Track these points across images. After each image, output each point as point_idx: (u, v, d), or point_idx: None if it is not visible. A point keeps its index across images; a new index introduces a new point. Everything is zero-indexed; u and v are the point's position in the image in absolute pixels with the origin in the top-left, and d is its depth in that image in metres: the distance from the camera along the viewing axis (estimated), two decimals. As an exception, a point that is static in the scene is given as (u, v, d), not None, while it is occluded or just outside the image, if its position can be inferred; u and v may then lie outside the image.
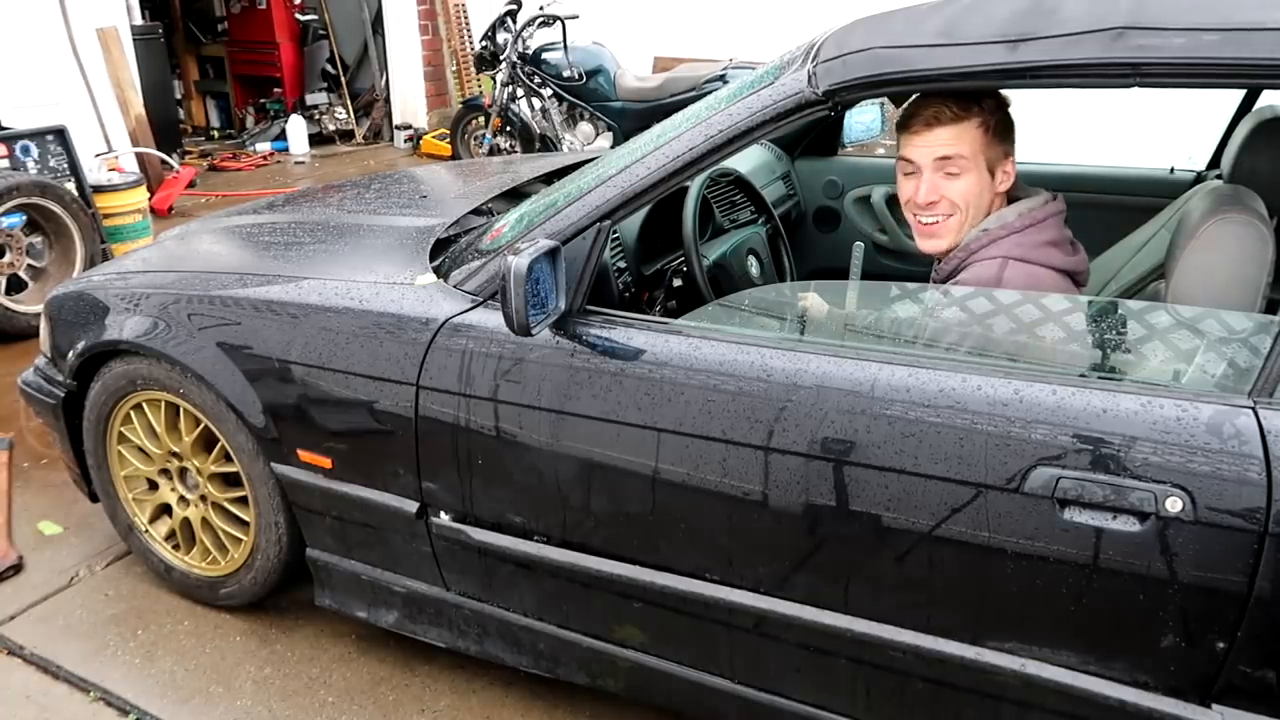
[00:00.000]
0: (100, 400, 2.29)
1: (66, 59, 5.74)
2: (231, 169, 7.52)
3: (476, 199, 2.49)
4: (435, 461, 1.82)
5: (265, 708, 2.10)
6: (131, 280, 2.25)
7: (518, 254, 1.50)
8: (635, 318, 1.69)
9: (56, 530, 2.76)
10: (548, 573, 1.80)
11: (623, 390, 1.61)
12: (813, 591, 1.56)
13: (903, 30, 1.54)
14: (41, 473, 3.09)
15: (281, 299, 1.96)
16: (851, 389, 1.46)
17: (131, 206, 5.06)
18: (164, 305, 2.10)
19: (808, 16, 7.10)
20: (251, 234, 2.48)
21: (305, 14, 8.73)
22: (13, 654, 2.28)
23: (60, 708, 2.12)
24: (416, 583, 2.00)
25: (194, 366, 2.03)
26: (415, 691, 2.14)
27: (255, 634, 2.32)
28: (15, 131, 4.42)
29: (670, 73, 5.95)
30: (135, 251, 2.64)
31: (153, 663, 2.24)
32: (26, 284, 4.26)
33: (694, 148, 1.60)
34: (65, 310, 2.32)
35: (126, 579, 2.54)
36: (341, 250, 2.22)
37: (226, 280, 2.10)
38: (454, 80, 8.53)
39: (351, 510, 1.98)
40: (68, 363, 2.28)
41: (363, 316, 1.85)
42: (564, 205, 1.72)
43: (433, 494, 1.86)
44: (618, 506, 1.67)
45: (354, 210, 2.58)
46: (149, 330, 2.10)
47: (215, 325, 2.02)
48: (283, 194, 3.08)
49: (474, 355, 1.73)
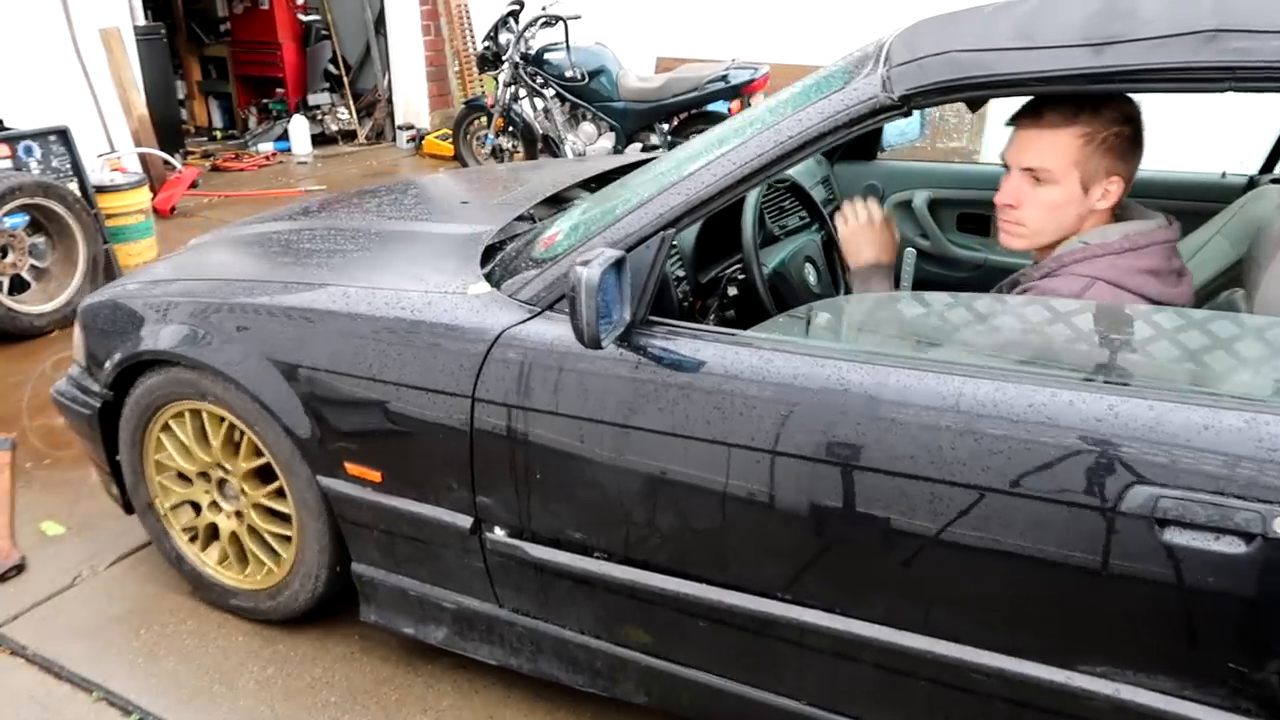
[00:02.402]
0: (137, 411, 2.25)
1: (69, 59, 5.74)
2: (234, 169, 7.52)
3: (518, 205, 2.44)
4: (491, 476, 1.78)
5: (268, 708, 2.10)
6: (169, 288, 2.21)
7: (586, 264, 1.46)
8: (702, 329, 1.64)
9: (59, 530, 2.76)
10: (608, 590, 1.75)
11: (691, 404, 1.56)
12: (892, 612, 1.51)
13: (976, 33, 1.50)
14: (44, 473, 3.09)
15: (329, 308, 1.92)
16: (935, 404, 1.40)
17: (134, 207, 5.06)
18: (205, 314, 2.06)
19: (808, 16, 7.12)
20: (290, 240, 2.43)
21: (308, 14, 8.74)
22: (15, 654, 2.28)
23: (63, 708, 2.12)
24: (467, 599, 1.95)
25: (237, 377, 1.99)
26: (418, 691, 2.13)
27: (258, 634, 2.32)
28: (18, 132, 4.42)
29: (672, 73, 5.94)
30: (168, 258, 2.60)
31: (155, 663, 2.24)
32: (29, 284, 4.26)
33: (763, 154, 1.56)
34: (101, 319, 2.28)
35: (129, 579, 2.54)
36: (385, 258, 2.18)
37: (270, 288, 2.05)
38: (456, 80, 8.53)
39: (401, 524, 1.93)
40: (104, 372, 2.24)
41: (415, 327, 1.81)
42: (625, 213, 1.68)
43: (487, 509, 1.81)
44: (685, 523, 1.63)
45: (393, 216, 2.53)
46: (189, 339, 2.06)
47: (259, 334, 1.98)
48: (316, 198, 3.03)
49: (533, 367, 1.68)
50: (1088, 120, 1.55)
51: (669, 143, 5.93)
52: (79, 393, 2.35)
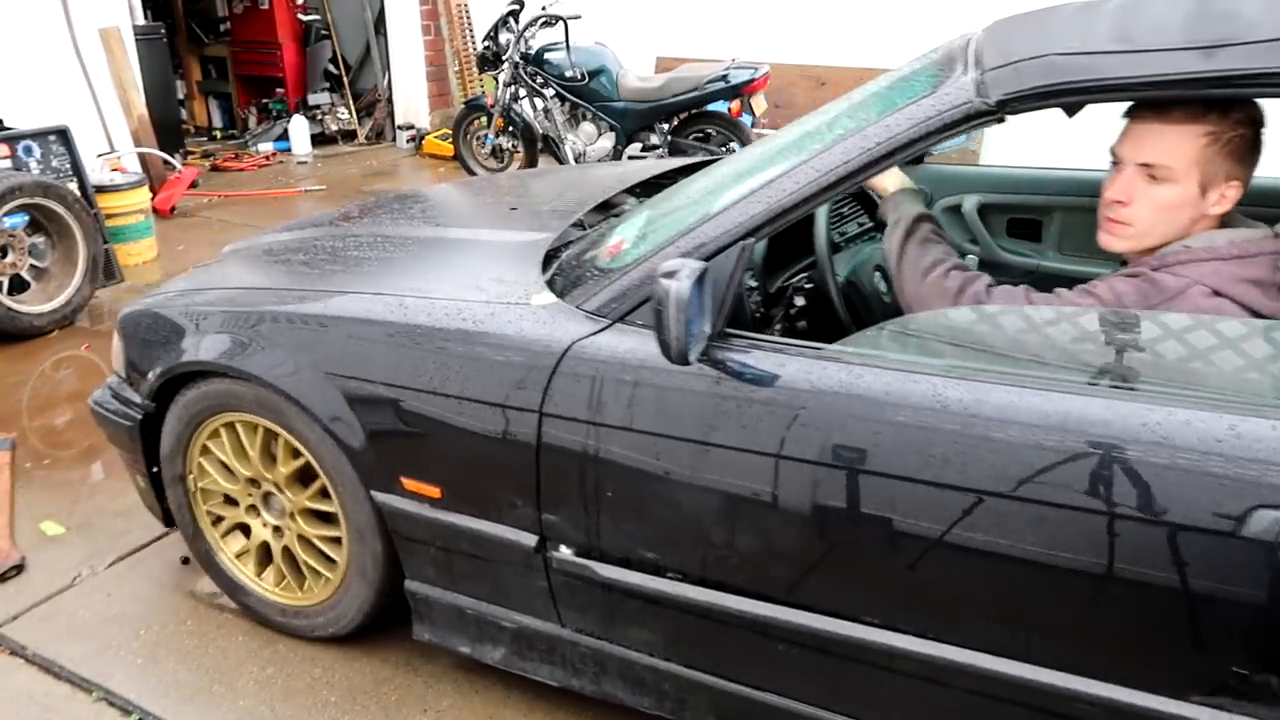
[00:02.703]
0: (180, 423, 2.19)
1: (69, 59, 5.74)
2: (234, 169, 7.52)
3: (570, 212, 2.35)
4: (558, 493, 1.72)
5: (268, 708, 2.10)
6: (212, 296, 2.16)
7: (672, 276, 1.40)
8: (785, 342, 1.57)
9: (59, 530, 2.75)
10: (681, 611, 1.69)
11: (775, 421, 1.50)
12: (991, 638, 1.45)
13: (1071, 35, 1.46)
14: (44, 473, 3.09)
15: (386, 319, 1.86)
16: (1040, 422, 1.33)
17: (134, 207, 5.07)
18: (252, 324, 2.01)
19: (808, 16, 7.12)
20: (336, 248, 2.36)
21: (308, 14, 8.74)
22: (15, 654, 2.27)
23: (62, 708, 2.12)
24: (528, 618, 1.90)
25: (287, 389, 1.93)
26: (418, 691, 2.13)
27: (258, 634, 2.32)
28: (18, 131, 4.42)
29: (672, 73, 5.95)
30: (205, 266, 2.53)
31: (155, 663, 2.24)
32: (29, 284, 4.26)
33: (849, 161, 1.50)
34: (142, 328, 2.23)
35: (129, 579, 2.54)
36: (438, 266, 2.12)
37: (321, 298, 2.01)
38: (456, 80, 8.53)
39: (460, 542, 1.88)
40: (146, 384, 2.19)
41: (478, 339, 1.75)
42: (700, 222, 1.62)
43: (554, 527, 1.75)
44: (767, 544, 1.57)
45: (440, 223, 2.47)
46: (236, 350, 2.00)
47: (311, 346, 1.92)
48: (355, 203, 2.96)
49: (605, 381, 1.62)
50: (1216, 120, 1.47)
51: (669, 142, 5.94)
52: (119, 404, 2.29)
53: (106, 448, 3.27)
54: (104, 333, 4.34)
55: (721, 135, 5.84)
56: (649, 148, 6.02)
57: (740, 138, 5.75)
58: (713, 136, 5.89)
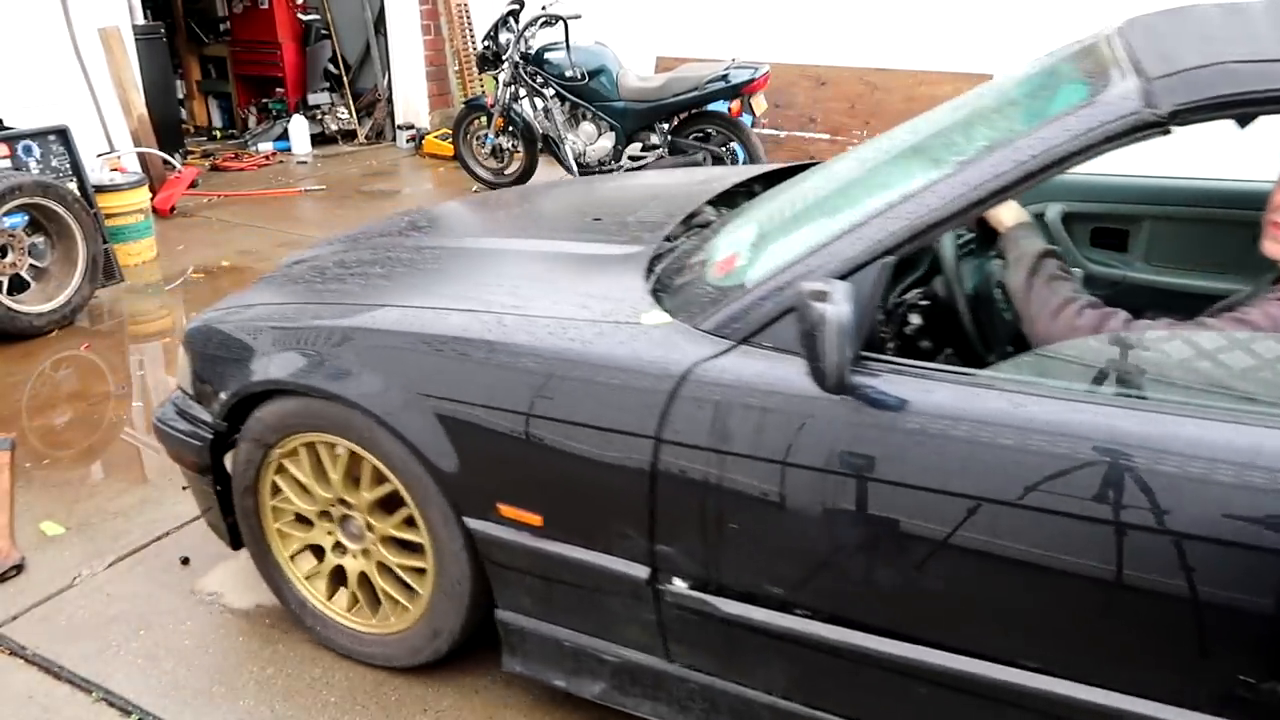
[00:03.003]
0: (254, 443, 2.09)
1: (69, 59, 5.74)
2: (234, 169, 7.52)
3: (657, 223, 2.24)
4: (675, 523, 1.63)
5: (268, 708, 2.10)
6: (290, 312, 2.09)
7: (823, 297, 1.34)
8: (932, 368, 1.49)
9: (59, 531, 2.75)
10: (810, 649, 1.60)
11: (923, 452, 1.41)
12: (1169, 689, 1.35)
13: (1237, 41, 1.39)
14: (43, 473, 3.09)
15: (483, 338, 1.77)
16: (1227, 457, 1.24)
17: (134, 206, 5.07)
18: (335, 341, 1.92)
19: (808, 16, 7.11)
20: (412, 260, 2.28)
21: (307, 14, 8.73)
22: (15, 654, 2.27)
23: (62, 708, 2.12)
24: (632, 652, 1.80)
25: (375, 410, 1.84)
26: (418, 691, 2.13)
27: (257, 634, 2.32)
28: (17, 131, 4.42)
29: (673, 72, 5.94)
30: (269, 279, 2.43)
31: (155, 663, 2.23)
32: (29, 284, 4.26)
33: (1001, 175, 1.41)
34: (213, 344, 2.14)
35: (129, 579, 2.54)
36: (529, 281, 2.02)
37: (407, 313, 1.92)
38: (456, 80, 8.52)
39: (561, 572, 1.79)
40: (218, 402, 2.10)
41: (586, 359, 1.66)
42: (834, 238, 1.54)
43: (668, 558, 1.66)
44: (910, 581, 1.48)
45: (519, 234, 2.36)
46: (318, 369, 1.92)
47: (401, 365, 1.84)
48: (421, 211, 2.86)
49: (731, 407, 1.53)
50: None
51: (669, 142, 5.93)
52: (187, 422, 2.20)
53: (106, 448, 3.28)
54: (104, 333, 4.35)
55: (721, 135, 5.84)
56: (649, 148, 6.01)
57: (740, 138, 5.74)
58: (713, 136, 5.88)
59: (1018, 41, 6.36)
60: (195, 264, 5.21)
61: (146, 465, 3.16)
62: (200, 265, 5.19)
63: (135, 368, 4.02)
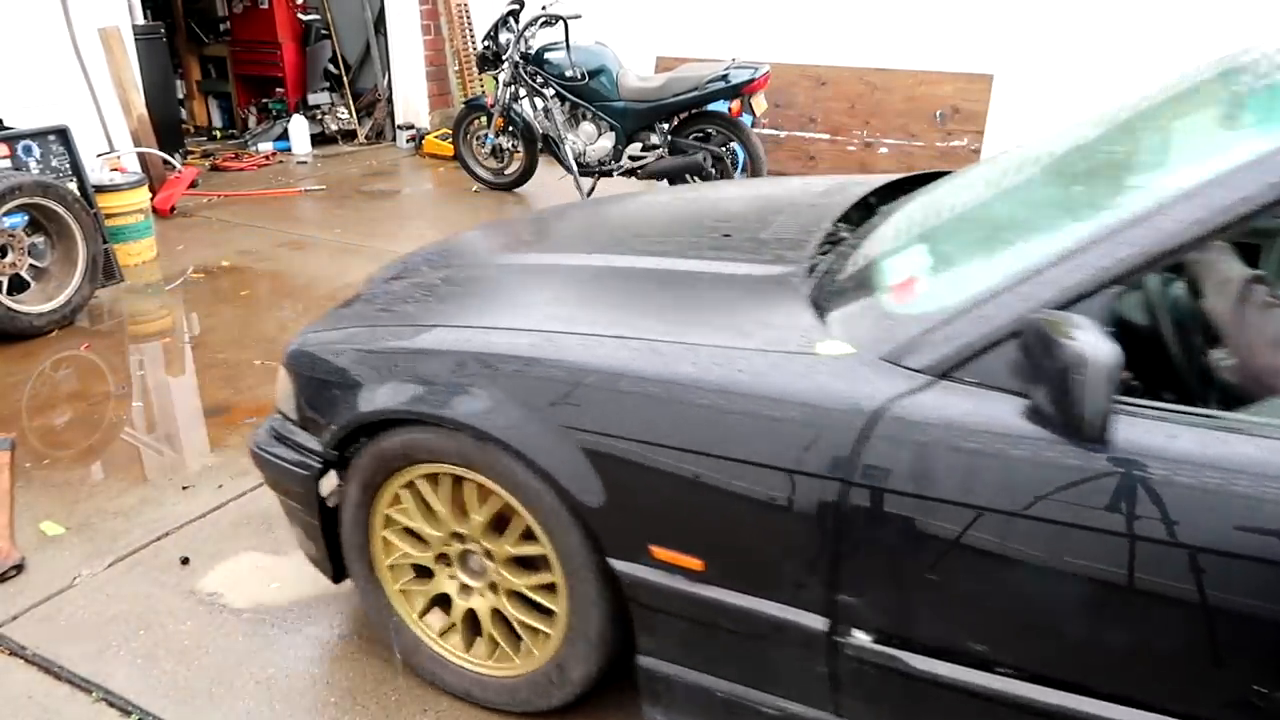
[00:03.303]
0: (367, 474, 1.97)
1: (69, 59, 5.74)
2: (234, 169, 7.52)
3: (794, 240, 2.10)
4: (862, 572, 1.52)
5: (268, 708, 2.10)
6: (411, 334, 1.95)
7: (1077, 335, 1.24)
8: (1171, 409, 1.36)
9: (59, 531, 2.75)
10: (1013, 710, 1.47)
11: (1169, 502, 1.28)
12: None
13: None
14: (43, 473, 3.09)
15: (638, 367, 1.65)
16: None
17: (134, 206, 5.08)
18: (466, 368, 1.80)
19: (808, 17, 7.10)
20: (528, 279, 2.13)
21: (307, 14, 8.74)
22: (14, 654, 2.27)
23: (62, 708, 2.11)
24: (797, 705, 1.69)
25: (514, 444, 1.72)
26: (418, 692, 2.13)
27: (258, 634, 2.32)
28: (17, 131, 4.42)
29: (673, 72, 5.94)
30: (371, 297, 2.28)
31: (155, 663, 2.23)
32: (29, 284, 4.26)
33: (1249, 197, 1.29)
34: (322, 367, 2.01)
35: (128, 579, 2.54)
36: (676, 305, 1.88)
37: (547, 341, 1.78)
38: (456, 80, 8.52)
39: (721, 619, 1.68)
40: (328, 430, 1.98)
41: (761, 394, 1.54)
42: (1049, 263, 1.41)
43: (850, 609, 1.55)
44: (1147, 641, 1.35)
45: (646, 253, 2.19)
46: (443, 397, 1.80)
47: (541, 395, 1.72)
48: (521, 222, 2.72)
49: (936, 449, 1.40)
50: None
51: (669, 142, 5.93)
52: (290, 449, 2.08)
53: (106, 448, 3.28)
54: (104, 333, 4.35)
55: (721, 135, 5.84)
56: (649, 147, 6.02)
57: (740, 138, 5.74)
58: (713, 136, 5.88)
59: (1018, 41, 6.37)
60: (195, 264, 5.21)
61: (146, 465, 3.16)
62: (200, 265, 5.19)
63: (135, 368, 4.02)
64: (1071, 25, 6.21)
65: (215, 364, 3.91)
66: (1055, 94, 6.33)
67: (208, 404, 3.59)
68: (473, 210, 6.40)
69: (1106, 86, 6.14)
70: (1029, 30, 6.35)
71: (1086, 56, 6.20)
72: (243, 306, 4.60)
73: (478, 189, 6.82)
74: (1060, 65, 6.29)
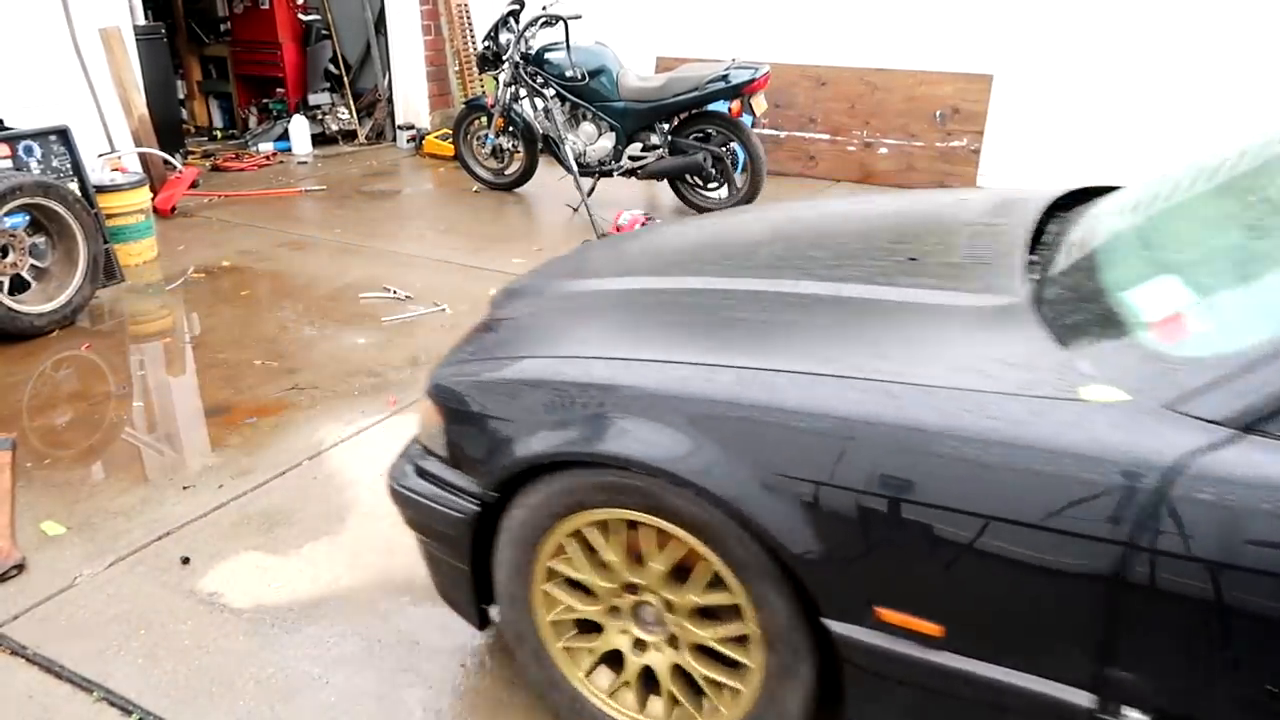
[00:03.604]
0: (530, 520, 1.81)
1: (69, 59, 5.74)
2: (234, 169, 7.53)
3: (986, 262, 1.94)
4: (1146, 647, 1.38)
5: (268, 708, 2.10)
6: (582, 368, 1.78)
7: None
8: None
9: (59, 530, 2.76)
10: None
11: None
12: None
13: None
14: (44, 473, 3.09)
15: (868, 413, 1.50)
16: None
17: (134, 207, 5.08)
18: (662, 407, 1.65)
19: (808, 17, 7.11)
20: (706, 304, 1.96)
21: (308, 14, 8.74)
22: (15, 654, 2.27)
23: (62, 708, 2.12)
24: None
25: (719, 491, 1.57)
26: (419, 692, 2.13)
27: (258, 634, 2.32)
28: (18, 131, 4.43)
29: (673, 73, 5.94)
30: (537, 315, 2.12)
31: (155, 663, 2.24)
32: (29, 284, 4.26)
33: None
34: (479, 400, 1.86)
35: (129, 579, 2.54)
36: (888, 340, 1.69)
37: (754, 379, 1.62)
38: (456, 80, 8.53)
39: (960, 690, 1.53)
40: (489, 470, 1.82)
41: (1022, 445, 1.39)
42: None
43: (1125, 686, 1.41)
44: None
45: (826, 279, 1.99)
46: (646, 440, 1.64)
47: (757, 441, 1.57)
48: (664, 239, 2.53)
49: (1252, 514, 1.25)
50: None
51: (669, 142, 5.94)
52: (436, 486, 1.93)
53: (107, 448, 3.28)
54: (104, 333, 4.35)
55: (722, 135, 5.84)
56: (649, 148, 6.02)
57: (741, 138, 5.75)
58: (713, 136, 5.89)
59: (1018, 41, 6.37)
60: (196, 264, 5.21)
61: (147, 465, 3.16)
62: (201, 265, 5.19)
63: (136, 368, 4.02)
64: (1071, 25, 6.21)
65: (216, 364, 3.92)
66: (1055, 94, 6.34)
67: (208, 404, 3.60)
68: (473, 210, 6.41)
69: (1107, 86, 6.15)
70: (1029, 30, 6.35)
71: (1086, 56, 6.20)
72: (243, 306, 4.60)
73: (478, 189, 6.83)
74: (1060, 65, 6.29)
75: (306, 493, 2.94)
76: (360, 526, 2.75)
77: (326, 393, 3.62)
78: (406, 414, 3.40)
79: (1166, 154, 5.99)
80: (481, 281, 4.85)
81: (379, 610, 2.40)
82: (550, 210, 6.38)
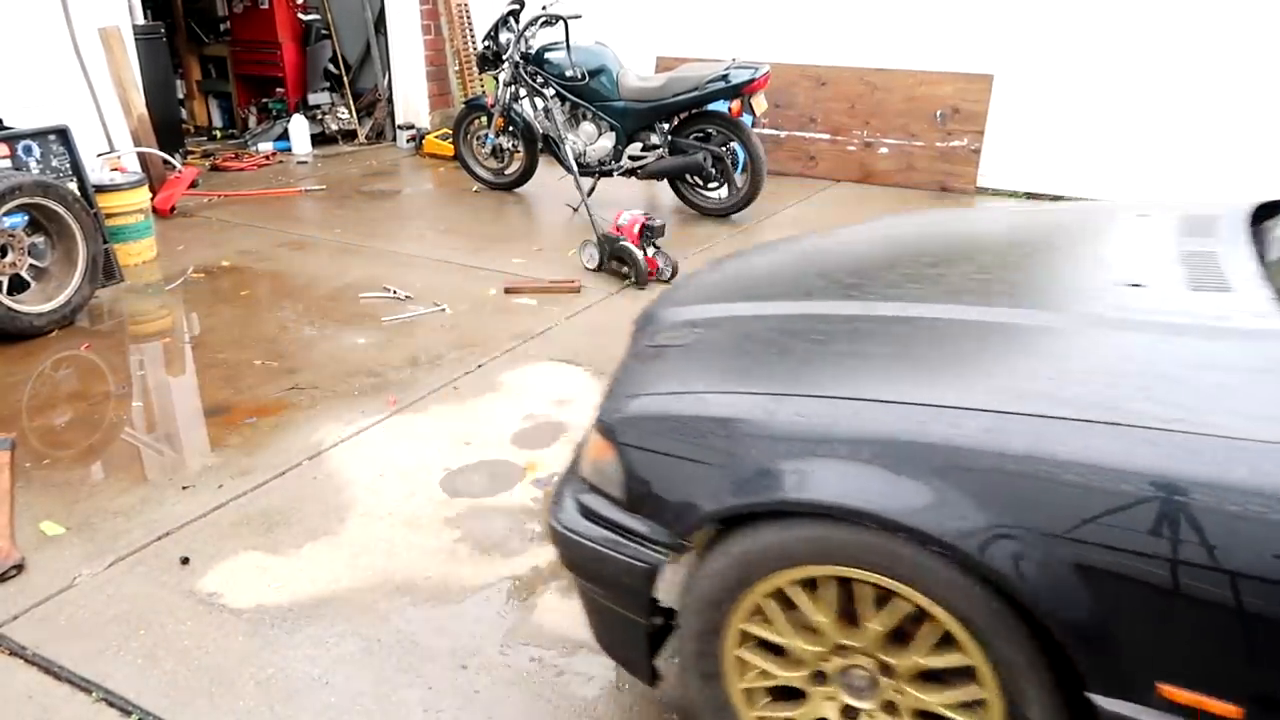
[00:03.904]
0: (726, 576, 1.65)
1: (69, 59, 5.74)
2: (234, 169, 7.52)
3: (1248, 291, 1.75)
4: None
5: (268, 708, 2.10)
6: (794, 409, 1.61)
7: None
8: None
9: (59, 531, 2.75)
10: None
11: None
12: None
13: None
14: (43, 473, 3.09)
15: (1147, 467, 1.35)
16: None
17: (134, 206, 5.08)
18: (901, 455, 1.49)
19: (808, 17, 7.11)
20: (896, 333, 1.78)
21: (308, 14, 8.74)
22: (15, 654, 2.27)
23: (62, 708, 2.12)
24: None
25: (973, 551, 1.42)
26: (418, 692, 2.13)
27: (257, 635, 2.32)
28: (17, 131, 4.42)
29: (673, 72, 5.94)
30: (722, 345, 1.92)
31: (155, 663, 2.23)
32: (29, 284, 4.26)
33: None
34: (669, 439, 1.69)
35: (128, 579, 2.54)
36: (1154, 380, 1.54)
37: (1008, 423, 1.46)
38: (456, 80, 8.53)
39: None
40: (678, 517, 1.67)
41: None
42: None
43: None
44: None
45: (1059, 308, 1.85)
46: (883, 492, 1.49)
47: (1014, 494, 1.42)
48: (838, 250, 2.37)
49: None
50: None
51: (669, 142, 5.93)
52: (614, 534, 1.76)
53: (106, 448, 3.28)
54: (104, 333, 4.35)
55: (722, 135, 5.85)
56: (649, 148, 6.02)
57: (741, 138, 5.75)
58: (713, 136, 5.89)
59: (1018, 41, 6.37)
60: (195, 264, 5.21)
61: (147, 465, 3.16)
62: (200, 265, 5.19)
63: (135, 368, 4.02)
64: (1071, 25, 6.21)
65: (215, 364, 3.91)
66: (1056, 94, 6.34)
67: (208, 404, 3.60)
68: (473, 210, 6.41)
69: (1107, 86, 6.15)
70: (1029, 30, 6.35)
71: (1087, 56, 6.20)
72: (243, 306, 4.60)
73: (478, 189, 6.82)
74: (1061, 65, 6.29)
75: (306, 493, 2.94)
76: (360, 527, 2.75)
77: (326, 393, 3.62)
78: (406, 414, 3.40)
79: (1166, 154, 6.00)
80: (481, 281, 4.85)
81: (379, 610, 2.40)
82: (550, 210, 6.38)
